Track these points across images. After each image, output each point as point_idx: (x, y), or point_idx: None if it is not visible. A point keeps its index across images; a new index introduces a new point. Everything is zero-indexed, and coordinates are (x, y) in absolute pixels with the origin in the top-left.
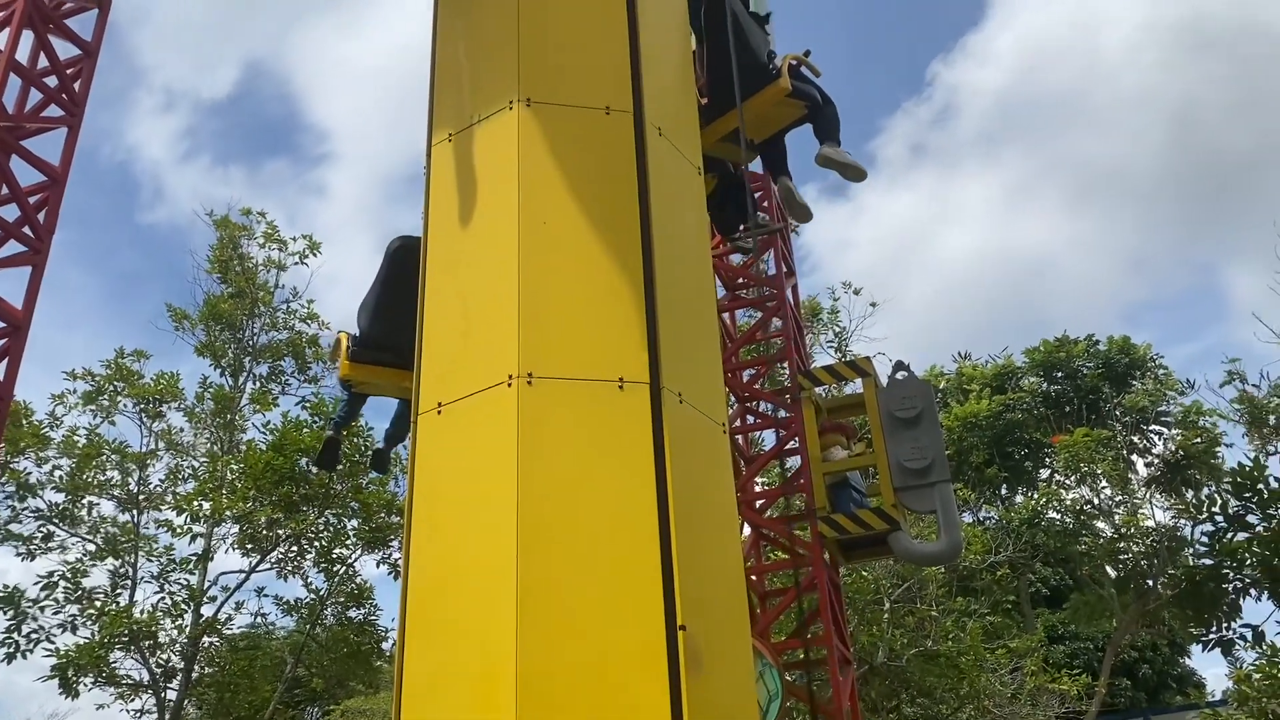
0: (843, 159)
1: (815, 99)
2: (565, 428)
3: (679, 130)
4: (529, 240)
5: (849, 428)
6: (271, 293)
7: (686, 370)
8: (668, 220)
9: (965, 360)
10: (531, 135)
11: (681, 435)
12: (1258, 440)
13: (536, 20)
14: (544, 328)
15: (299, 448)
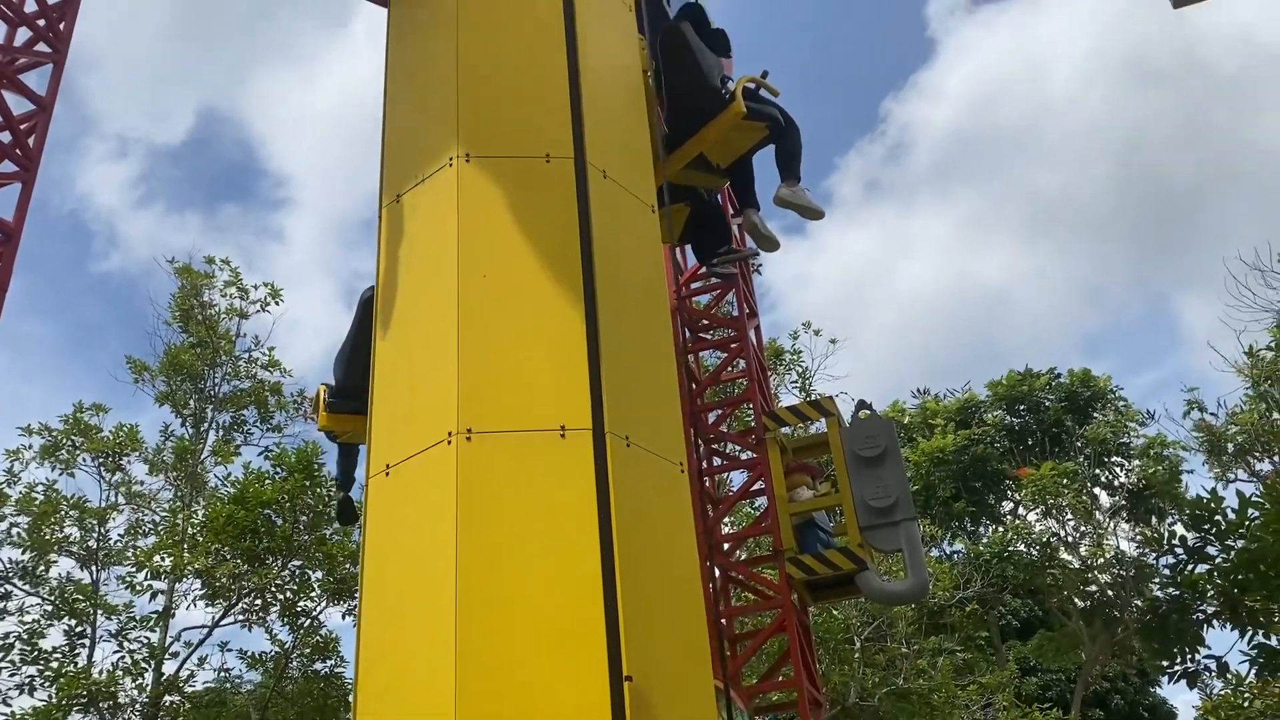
0: (799, 200)
1: (776, 119)
2: (504, 482)
3: (628, 170)
4: (468, 295)
5: (814, 468)
6: (233, 342)
7: (636, 412)
8: (613, 262)
9: (926, 395)
10: (471, 190)
11: (629, 478)
12: (1218, 469)
13: (476, 76)
14: (483, 382)
15: (261, 500)
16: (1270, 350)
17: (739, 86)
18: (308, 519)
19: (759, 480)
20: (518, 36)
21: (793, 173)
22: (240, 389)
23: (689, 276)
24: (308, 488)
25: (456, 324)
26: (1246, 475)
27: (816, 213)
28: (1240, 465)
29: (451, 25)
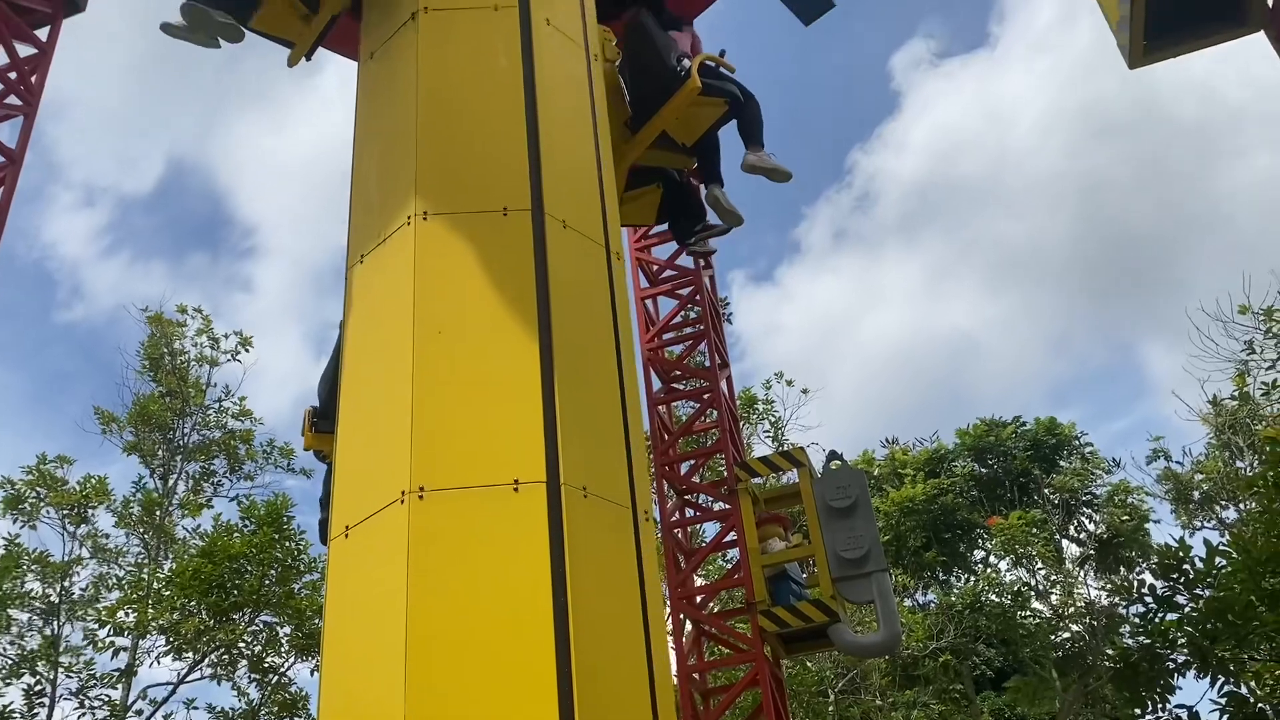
0: (765, 164)
1: (734, 94)
2: (455, 540)
3: (590, 218)
4: (423, 353)
5: (786, 519)
6: (204, 391)
7: (594, 463)
8: (572, 312)
9: (894, 445)
10: (427, 248)
11: (587, 531)
12: (1184, 517)
13: (435, 133)
14: (436, 440)
15: (229, 554)
16: (1233, 400)
17: (695, 64)
18: (276, 572)
19: (731, 532)
20: (477, 90)
21: (756, 140)
22: (210, 439)
23: (661, 327)
24: (276, 541)
25: (411, 383)
26: (1213, 524)
27: (784, 174)
28: (1206, 514)
29: (412, 82)
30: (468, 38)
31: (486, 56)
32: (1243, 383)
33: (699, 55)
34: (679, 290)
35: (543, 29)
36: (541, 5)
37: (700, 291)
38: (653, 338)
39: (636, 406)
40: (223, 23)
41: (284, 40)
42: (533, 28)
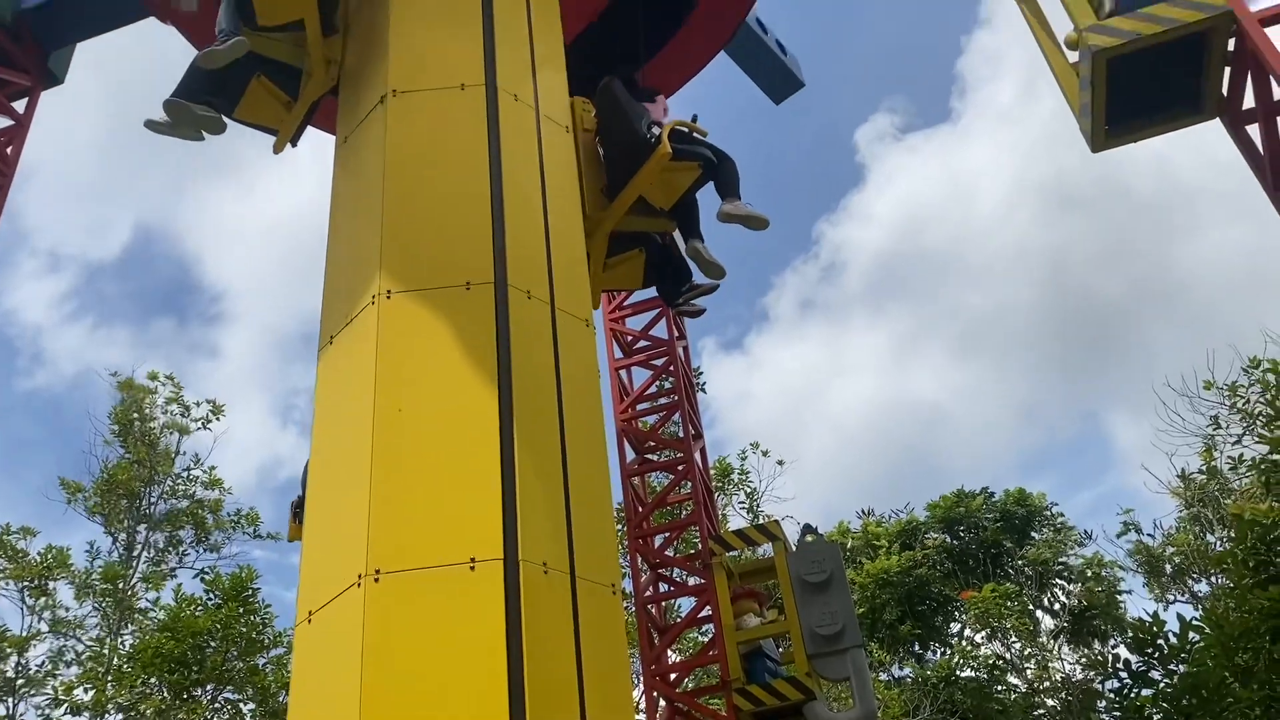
0: (741, 212)
1: (706, 157)
2: (410, 623)
3: (558, 287)
4: (382, 432)
5: (761, 594)
6: (172, 459)
7: (557, 538)
8: (536, 383)
9: (869, 517)
10: (390, 326)
11: (545, 606)
12: (1156, 590)
13: (400, 210)
14: (393, 521)
15: (193, 630)
16: (1201, 474)
17: (666, 130)
18: (240, 647)
19: (706, 607)
20: (442, 169)
21: (732, 191)
22: (177, 508)
23: (635, 397)
24: (241, 615)
25: (370, 464)
26: (1185, 597)
27: (760, 221)
28: (1179, 587)
29: (379, 165)
30: (434, 117)
31: (452, 135)
32: (1210, 457)
33: (670, 122)
34: (653, 361)
35: (510, 105)
36: (510, 81)
37: (674, 362)
38: (626, 408)
39: (605, 479)
40: (205, 116)
41: (268, 129)
42: (499, 104)
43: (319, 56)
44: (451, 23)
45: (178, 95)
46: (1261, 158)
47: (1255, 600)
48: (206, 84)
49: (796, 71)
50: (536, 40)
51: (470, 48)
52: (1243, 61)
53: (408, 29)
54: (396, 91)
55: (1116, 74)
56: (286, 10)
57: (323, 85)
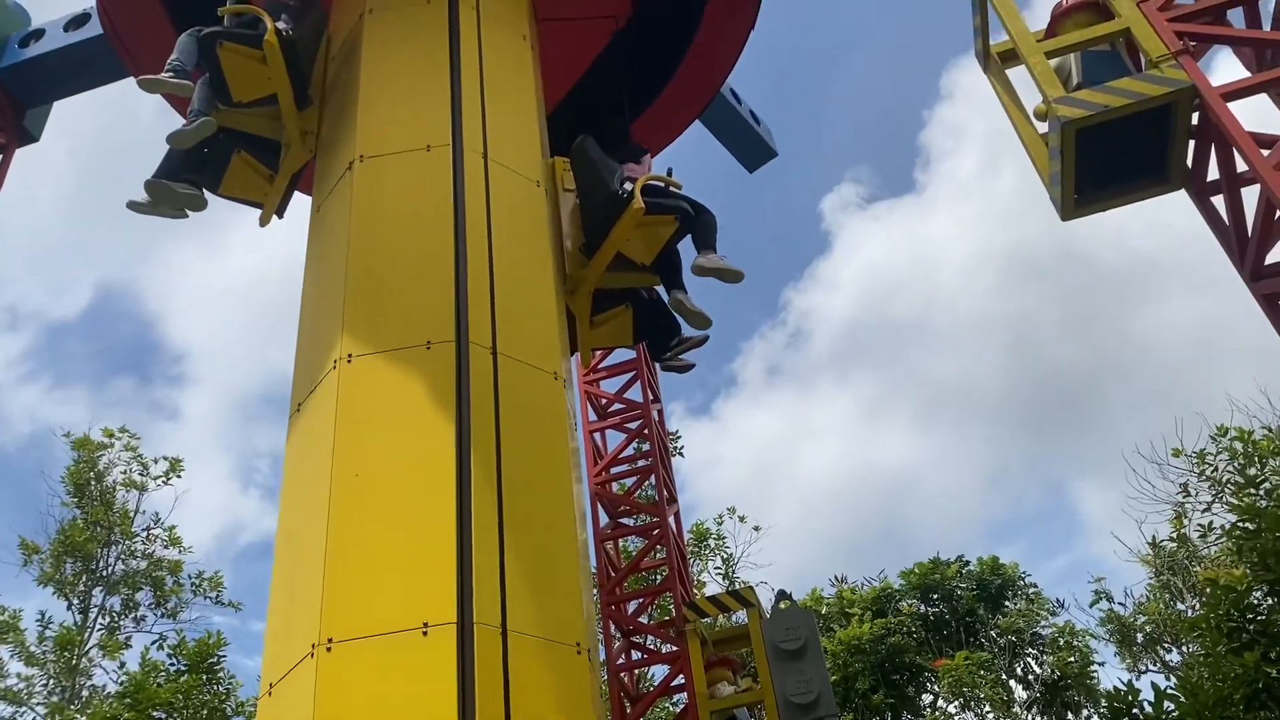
0: (716, 265)
1: (683, 209)
2: (361, 691)
3: (524, 342)
4: (339, 498)
5: (735, 662)
6: (130, 519)
7: (517, 598)
8: (496, 443)
9: (843, 584)
10: (350, 390)
11: (501, 669)
12: (1129, 659)
13: (363, 276)
14: (347, 588)
15: (154, 700)
16: (1171, 541)
17: (639, 185)
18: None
19: (679, 675)
20: (405, 231)
21: (708, 244)
22: (135, 569)
23: (609, 460)
24: (204, 684)
25: (326, 531)
26: (1157, 667)
27: (735, 274)
28: (1150, 656)
29: (345, 231)
30: (399, 180)
31: (416, 196)
32: (1180, 525)
33: (643, 176)
34: (628, 424)
35: (477, 163)
36: (477, 140)
37: (649, 425)
38: (600, 471)
39: (571, 535)
40: (186, 194)
41: (253, 203)
42: (465, 163)
43: (295, 128)
44: (419, 87)
45: (159, 175)
46: (1226, 227)
47: (1229, 667)
48: (186, 162)
49: (769, 141)
50: (508, 98)
51: (437, 109)
52: (1206, 134)
53: (376, 96)
54: (364, 157)
55: (1085, 145)
56: (258, 86)
57: (301, 156)
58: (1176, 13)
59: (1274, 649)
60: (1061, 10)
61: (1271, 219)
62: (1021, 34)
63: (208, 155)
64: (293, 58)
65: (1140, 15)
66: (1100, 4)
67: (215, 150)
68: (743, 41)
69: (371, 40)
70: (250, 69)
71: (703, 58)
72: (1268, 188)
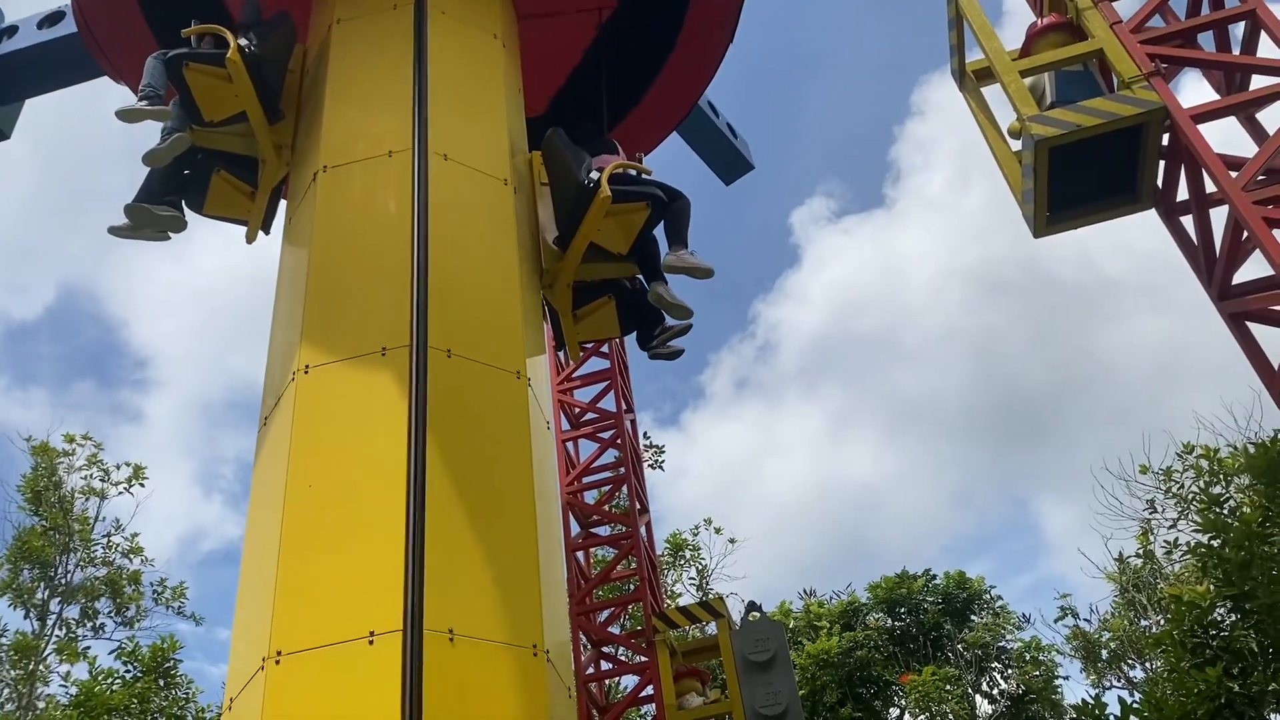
0: (685, 263)
1: (654, 195)
2: (307, 704)
3: (484, 344)
4: (292, 511)
5: (704, 673)
6: (90, 525)
7: (467, 603)
8: (455, 445)
9: (811, 597)
10: (306, 402)
11: (450, 673)
12: (1093, 675)
13: (322, 286)
14: (297, 601)
15: (108, 706)
16: (1137, 557)
17: (606, 174)
18: None
19: (648, 686)
20: (364, 238)
21: (679, 239)
22: (95, 577)
23: (581, 470)
24: (161, 689)
25: (279, 544)
26: (1121, 683)
27: (704, 271)
28: (1114, 672)
29: (306, 242)
30: (361, 187)
31: (377, 202)
32: (1146, 541)
33: (611, 164)
34: (600, 434)
35: (440, 165)
36: (441, 143)
37: (622, 435)
38: (572, 480)
39: (529, 537)
40: (165, 216)
41: (238, 220)
42: (429, 165)
43: (268, 143)
44: (382, 93)
45: (139, 199)
46: (1195, 247)
47: (1193, 683)
48: (167, 184)
49: (746, 154)
50: (474, 99)
51: (400, 115)
52: (1177, 155)
53: (340, 105)
54: (327, 167)
55: (1058, 163)
56: (228, 105)
57: (279, 171)
58: (1148, 35)
59: (1236, 665)
60: (1036, 30)
61: (1239, 240)
62: (997, 53)
63: (189, 177)
64: (259, 74)
65: (1113, 36)
66: (1074, 25)
67: (196, 171)
68: (721, 53)
69: (338, 50)
70: (217, 88)
71: (681, 69)
72: (1235, 209)
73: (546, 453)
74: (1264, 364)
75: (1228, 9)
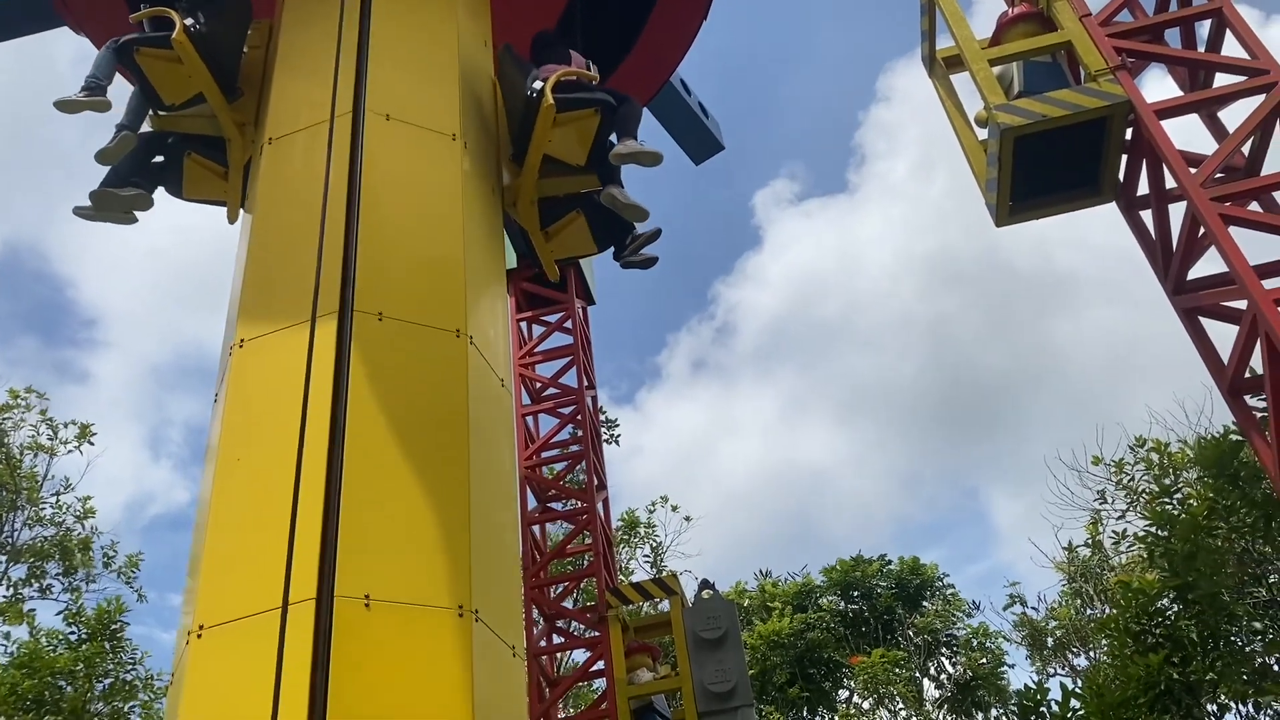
0: (632, 149)
1: (603, 100)
2: (223, 677)
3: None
4: (221, 485)
5: (655, 649)
6: (39, 484)
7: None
8: (381, 409)
9: (767, 578)
10: (238, 377)
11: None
12: (1039, 662)
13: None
14: (218, 574)
15: (53, 667)
16: (1086, 547)
17: (550, 83)
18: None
19: (599, 661)
20: (300, 209)
21: (627, 131)
22: (43, 537)
23: (540, 444)
24: (107, 652)
25: (208, 519)
26: (1065, 671)
27: (653, 156)
28: (1059, 660)
29: (251, 215)
30: (300, 157)
31: (315, 171)
32: (1095, 531)
33: (556, 73)
34: (560, 409)
35: (380, 125)
36: (383, 102)
37: (582, 411)
38: (531, 455)
39: (462, 496)
40: (129, 196)
41: (219, 202)
42: (365, 126)
43: (229, 122)
44: (328, 61)
45: (105, 184)
46: (1153, 241)
47: (1134, 668)
48: (133, 169)
49: (717, 134)
50: (421, 57)
51: (344, 80)
52: (1139, 149)
53: (286, 76)
54: (272, 139)
55: (1023, 153)
56: (184, 86)
57: (245, 149)
58: (1117, 29)
59: (1178, 654)
60: (1007, 19)
61: (1195, 235)
62: (967, 40)
63: (165, 163)
64: (209, 52)
65: (1082, 29)
66: (1044, 16)
67: (169, 157)
68: (694, 29)
69: (288, 20)
70: (171, 70)
71: (654, 43)
72: (1193, 205)
73: (494, 411)
74: (1215, 359)
75: (1194, 6)
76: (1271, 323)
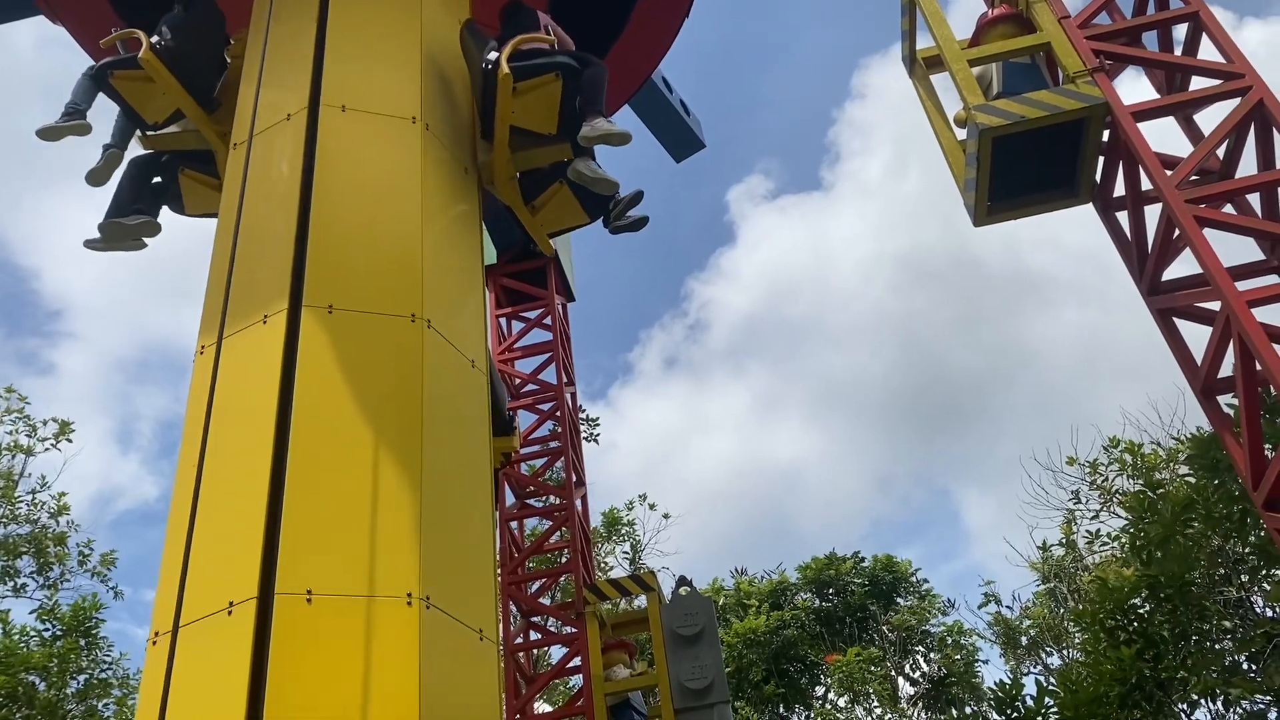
0: (600, 131)
1: (563, 64)
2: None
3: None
4: (180, 492)
5: (632, 646)
6: (14, 482)
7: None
8: (330, 402)
9: (742, 576)
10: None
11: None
12: (1012, 661)
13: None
14: (173, 578)
15: (26, 664)
16: (1060, 546)
17: (505, 52)
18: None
19: (576, 657)
20: (259, 208)
21: (593, 108)
22: (17, 534)
23: (521, 440)
24: (82, 649)
25: (167, 526)
26: (1039, 669)
27: (622, 136)
28: (1033, 659)
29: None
30: (260, 158)
31: (272, 170)
32: (1069, 531)
33: (513, 40)
34: (540, 405)
35: (336, 117)
36: (339, 95)
37: (562, 407)
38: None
39: (413, 484)
40: (136, 224)
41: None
42: (320, 120)
43: (212, 133)
44: (287, 62)
45: (109, 215)
46: (1129, 242)
47: (1107, 662)
48: (137, 194)
49: (698, 132)
50: (379, 46)
51: (300, 78)
52: (1116, 151)
53: (248, 81)
54: (236, 144)
55: (1001, 153)
56: (161, 105)
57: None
58: (1095, 31)
59: (1150, 650)
60: (987, 20)
61: (1170, 237)
62: (947, 40)
63: (164, 183)
64: (179, 67)
65: (1061, 31)
66: (1024, 17)
67: (167, 175)
68: (676, 26)
69: (254, 27)
70: (145, 89)
71: (636, 40)
72: (1169, 206)
73: (461, 391)
74: (1188, 359)
75: (1172, 9)
76: (1244, 324)
